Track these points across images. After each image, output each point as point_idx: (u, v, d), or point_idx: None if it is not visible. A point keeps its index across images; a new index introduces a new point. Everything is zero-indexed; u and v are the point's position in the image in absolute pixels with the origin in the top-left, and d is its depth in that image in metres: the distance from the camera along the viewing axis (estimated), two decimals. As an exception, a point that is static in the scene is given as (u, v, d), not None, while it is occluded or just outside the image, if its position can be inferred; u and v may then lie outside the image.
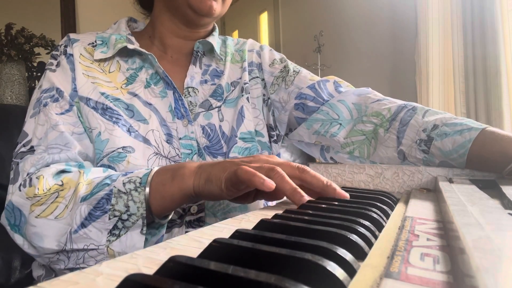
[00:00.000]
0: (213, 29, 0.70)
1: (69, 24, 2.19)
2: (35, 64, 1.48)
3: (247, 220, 0.30)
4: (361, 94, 0.64)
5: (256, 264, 0.18)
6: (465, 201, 0.26)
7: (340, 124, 0.62)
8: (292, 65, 0.71)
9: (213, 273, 0.15)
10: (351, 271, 0.17)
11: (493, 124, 1.49)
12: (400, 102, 0.60)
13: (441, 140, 0.49)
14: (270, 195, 0.42)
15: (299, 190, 0.35)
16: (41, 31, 1.41)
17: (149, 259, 0.20)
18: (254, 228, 0.25)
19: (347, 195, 0.37)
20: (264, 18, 3.10)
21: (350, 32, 2.29)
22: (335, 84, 0.67)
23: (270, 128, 0.69)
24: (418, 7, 1.81)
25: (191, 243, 0.23)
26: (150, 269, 0.18)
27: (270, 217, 0.27)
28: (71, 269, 0.44)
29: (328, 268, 0.16)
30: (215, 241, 0.19)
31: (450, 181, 0.40)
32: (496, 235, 0.17)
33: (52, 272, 0.53)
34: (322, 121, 0.64)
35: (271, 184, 0.35)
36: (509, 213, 0.22)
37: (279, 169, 0.37)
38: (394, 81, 2.05)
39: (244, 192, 0.40)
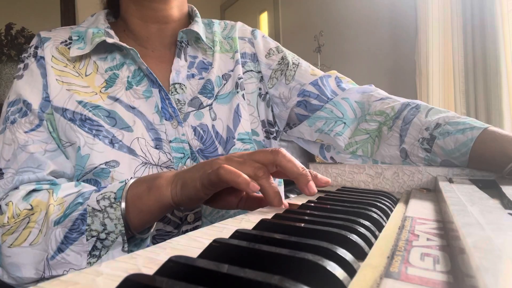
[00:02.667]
0: (194, 14, 0.65)
1: (69, 24, 2.19)
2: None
3: (247, 220, 0.30)
4: (365, 92, 0.63)
5: (256, 264, 0.18)
6: (465, 201, 0.26)
7: (345, 123, 0.61)
8: (290, 56, 0.67)
9: (213, 273, 0.15)
10: (351, 271, 0.17)
11: (493, 124, 1.48)
12: (403, 100, 0.59)
13: (443, 139, 0.49)
14: (255, 206, 0.41)
15: (283, 200, 0.35)
16: (41, 31, 1.41)
17: (149, 259, 0.20)
18: (254, 228, 0.25)
19: (315, 190, 0.36)
20: (264, 18, 3.10)
21: (350, 32, 2.28)
22: (336, 80, 0.65)
23: (269, 125, 0.66)
24: (418, 7, 1.81)
25: (191, 243, 0.23)
26: (150, 269, 0.18)
27: (270, 217, 0.27)
28: None
29: (328, 268, 0.16)
30: (215, 241, 0.19)
31: (450, 181, 0.40)
32: (496, 235, 0.17)
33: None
34: (325, 119, 0.62)
35: (256, 186, 0.34)
36: (509, 213, 0.22)
37: (263, 167, 0.36)
38: (394, 81, 2.05)
39: (221, 189, 0.38)
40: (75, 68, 0.55)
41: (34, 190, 0.47)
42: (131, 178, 0.43)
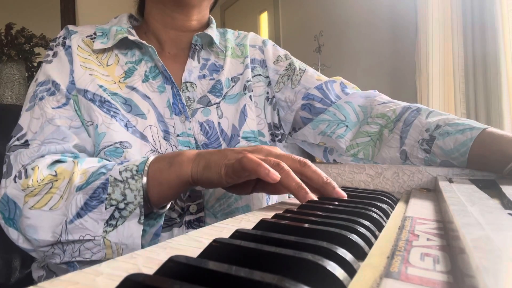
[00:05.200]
0: (209, 22, 0.69)
1: (69, 24, 2.19)
2: (35, 64, 1.48)
3: (247, 220, 0.30)
4: (368, 97, 0.64)
5: (256, 264, 0.18)
6: (465, 201, 0.26)
7: (347, 126, 0.62)
8: (297, 63, 0.70)
9: (213, 273, 0.15)
10: (351, 271, 0.17)
11: (493, 124, 1.49)
12: (404, 103, 0.60)
13: (443, 139, 0.49)
14: (270, 189, 0.42)
15: (304, 186, 0.35)
16: (41, 31, 1.41)
17: (149, 259, 0.20)
18: (254, 228, 0.25)
19: (345, 195, 0.37)
20: (264, 18, 3.10)
21: (350, 32, 2.28)
22: (341, 86, 0.67)
23: (275, 127, 0.68)
24: (418, 7, 1.81)
25: (191, 243, 0.23)
26: (150, 269, 0.18)
27: (270, 217, 0.27)
28: (67, 263, 0.44)
29: (328, 268, 0.16)
30: (215, 241, 0.19)
31: (450, 181, 0.40)
32: (496, 235, 0.17)
33: (52, 274, 0.52)
34: (328, 121, 0.63)
35: (276, 175, 0.35)
36: (509, 213, 0.22)
37: (284, 164, 0.37)
38: (394, 81, 2.05)
39: (243, 181, 0.39)
40: (98, 58, 0.59)
41: (59, 161, 0.49)
42: (153, 153, 0.45)
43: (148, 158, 0.43)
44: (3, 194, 0.47)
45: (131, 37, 0.59)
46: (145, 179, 0.41)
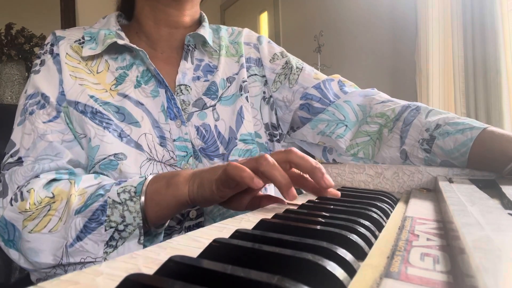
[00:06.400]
0: (201, 19, 0.67)
1: (69, 24, 2.19)
2: (35, 64, 1.47)
3: (247, 220, 0.30)
4: (367, 95, 0.64)
5: (256, 264, 0.18)
6: (465, 201, 0.26)
7: (346, 125, 0.62)
8: (294, 60, 0.69)
9: (213, 273, 0.15)
10: (351, 271, 0.17)
11: (493, 124, 1.49)
12: (404, 102, 0.59)
13: (443, 139, 0.49)
14: (265, 201, 0.41)
15: (289, 181, 0.35)
16: (41, 31, 1.41)
17: (149, 259, 0.20)
18: (254, 228, 0.25)
19: (333, 183, 0.37)
20: (264, 18, 3.10)
21: (350, 32, 2.28)
22: (339, 84, 0.66)
23: (273, 127, 0.67)
24: (418, 7, 1.80)
25: (191, 243, 0.23)
26: (150, 269, 0.18)
27: (270, 217, 0.27)
28: None
29: (328, 268, 0.16)
30: (215, 241, 0.19)
31: (450, 181, 0.40)
32: (496, 235, 0.17)
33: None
34: (327, 121, 0.63)
35: (260, 181, 0.35)
36: (509, 213, 0.22)
37: (268, 156, 0.37)
38: (394, 81, 2.05)
39: (235, 192, 0.39)
40: (87, 65, 0.57)
41: (54, 180, 0.48)
42: (150, 173, 0.45)
43: (145, 178, 0.43)
44: (1, 217, 0.46)
45: (120, 42, 0.57)
46: (143, 198, 0.41)
